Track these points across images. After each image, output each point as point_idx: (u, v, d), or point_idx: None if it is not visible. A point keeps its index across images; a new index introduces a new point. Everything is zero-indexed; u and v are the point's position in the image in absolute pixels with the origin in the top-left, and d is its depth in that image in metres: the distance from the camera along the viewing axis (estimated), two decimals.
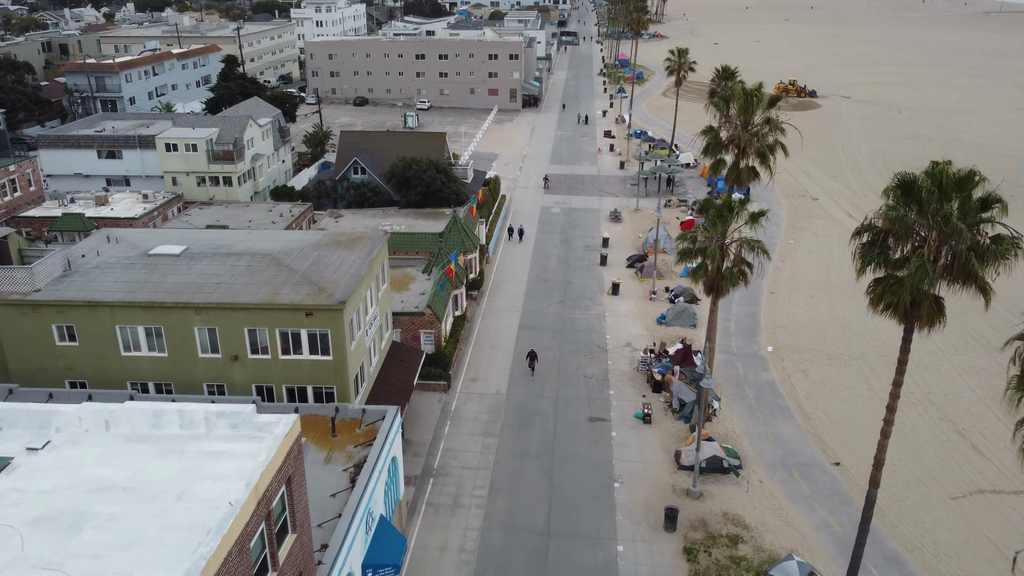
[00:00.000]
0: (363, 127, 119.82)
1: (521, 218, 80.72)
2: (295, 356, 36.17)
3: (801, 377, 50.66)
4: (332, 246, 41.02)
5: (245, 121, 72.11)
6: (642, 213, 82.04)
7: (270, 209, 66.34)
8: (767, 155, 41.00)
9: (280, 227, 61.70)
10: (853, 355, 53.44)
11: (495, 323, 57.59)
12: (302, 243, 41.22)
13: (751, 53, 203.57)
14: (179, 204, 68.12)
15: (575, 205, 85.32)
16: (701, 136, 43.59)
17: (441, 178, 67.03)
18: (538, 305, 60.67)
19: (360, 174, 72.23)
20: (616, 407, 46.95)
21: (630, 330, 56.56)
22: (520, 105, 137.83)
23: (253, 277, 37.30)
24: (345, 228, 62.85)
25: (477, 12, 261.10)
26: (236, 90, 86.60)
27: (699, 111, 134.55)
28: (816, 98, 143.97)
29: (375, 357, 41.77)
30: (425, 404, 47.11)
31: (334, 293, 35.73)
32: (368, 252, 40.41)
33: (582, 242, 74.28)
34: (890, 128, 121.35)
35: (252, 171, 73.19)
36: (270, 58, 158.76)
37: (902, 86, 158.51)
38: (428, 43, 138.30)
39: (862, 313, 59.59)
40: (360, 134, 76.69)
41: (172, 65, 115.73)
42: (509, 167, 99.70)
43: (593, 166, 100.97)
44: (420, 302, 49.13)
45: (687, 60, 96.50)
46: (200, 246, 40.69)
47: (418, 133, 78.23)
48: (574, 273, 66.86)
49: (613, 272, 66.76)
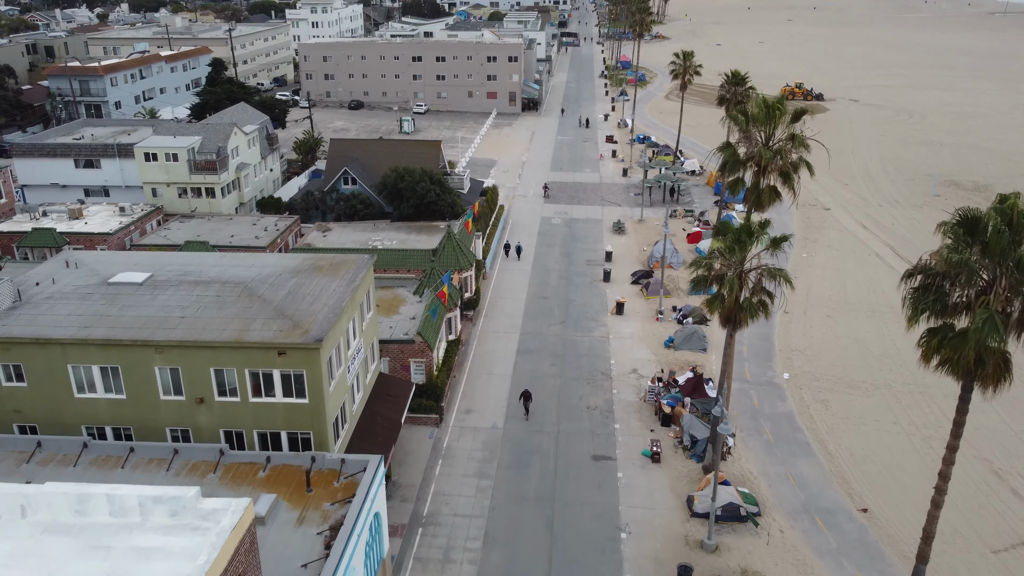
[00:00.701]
0: (357, 132, 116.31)
1: (520, 230, 77.09)
2: (267, 399, 32.56)
3: (821, 408, 47.02)
4: (311, 272, 37.40)
5: (229, 129, 68.46)
6: (647, 224, 78.42)
7: (254, 223, 62.75)
8: (790, 174, 37.43)
9: (264, 242, 58.26)
10: (875, 383, 49.81)
11: (492, 347, 53.96)
12: (278, 269, 37.59)
13: (755, 55, 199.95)
14: (159, 217, 64.49)
15: (576, 215, 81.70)
16: (718, 153, 39.90)
17: (435, 190, 63.42)
18: (538, 326, 57.05)
19: (350, 184, 68.64)
20: (622, 443, 43.33)
21: (636, 354, 52.93)
22: (520, 109, 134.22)
23: (222, 310, 33.68)
24: (333, 242, 59.30)
25: (476, 13, 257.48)
26: (223, 95, 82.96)
27: (704, 115, 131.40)
28: (823, 101, 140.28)
29: (359, 393, 38.15)
30: (415, 440, 43.49)
31: (310, 329, 32.10)
32: (351, 279, 36.79)
33: (584, 256, 70.65)
34: (901, 133, 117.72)
35: (237, 181, 69.55)
36: (264, 60, 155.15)
37: (910, 89, 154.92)
38: (425, 45, 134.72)
39: (882, 336, 56.15)
40: (351, 142, 73.06)
41: (160, 68, 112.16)
42: (508, 174, 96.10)
43: (595, 173, 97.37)
44: (410, 328, 45.51)
45: (693, 63, 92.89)
46: (166, 273, 37.07)
47: (412, 141, 74.65)
48: (576, 290, 63.24)
49: (617, 289, 63.13)
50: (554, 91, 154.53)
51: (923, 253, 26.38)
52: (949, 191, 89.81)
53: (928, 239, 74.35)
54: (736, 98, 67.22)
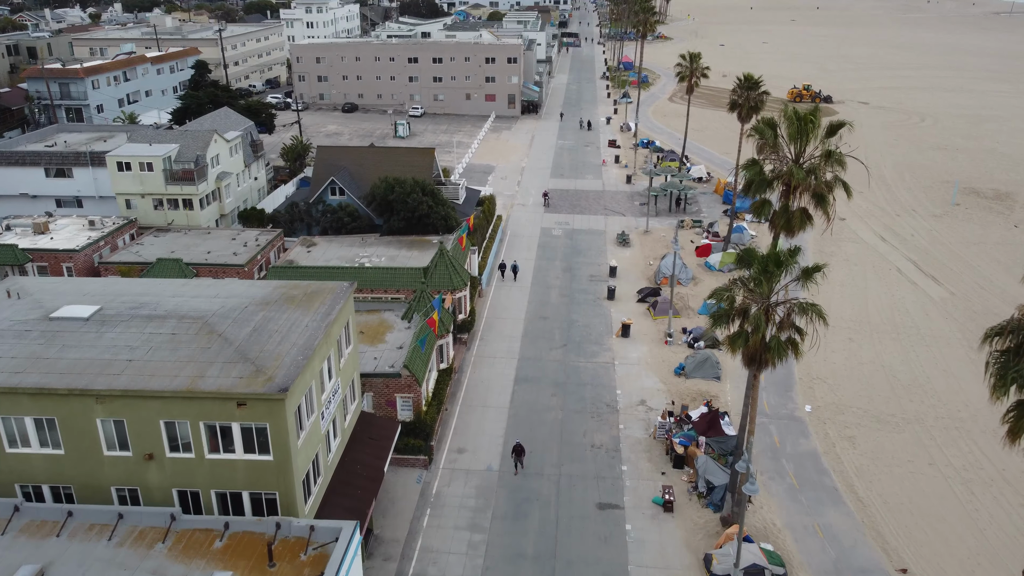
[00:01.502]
0: (350, 136, 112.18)
1: (519, 242, 72.90)
2: (226, 455, 28.36)
3: (848, 447, 42.82)
4: (281, 304, 33.22)
5: (209, 136, 64.28)
6: (652, 236, 74.21)
7: (233, 237, 58.60)
8: (825, 196, 33.24)
9: (243, 259, 54.15)
10: (906, 416, 45.60)
11: (487, 374, 49.77)
12: (244, 300, 33.40)
13: (759, 55, 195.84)
14: (132, 231, 60.34)
15: (578, 226, 77.51)
16: (743, 172, 35.61)
17: (428, 201, 59.25)
18: (537, 350, 52.87)
19: (338, 195, 64.47)
20: (630, 488, 39.15)
21: (644, 383, 48.75)
22: (519, 112, 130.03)
23: (176, 351, 29.49)
24: (317, 259, 55.15)
25: (475, 13, 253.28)
26: (205, 99, 78.74)
27: (710, 118, 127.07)
28: (832, 104, 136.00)
29: (336, 440, 33.98)
30: (401, 485, 39.31)
31: (275, 376, 27.91)
32: (326, 312, 32.62)
33: (587, 270, 66.46)
34: (914, 137, 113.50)
35: (217, 192, 65.38)
36: (256, 61, 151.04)
37: (920, 90, 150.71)
38: (421, 46, 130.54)
39: (910, 361, 51.92)
40: (339, 150, 68.85)
41: (146, 70, 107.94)
42: (506, 181, 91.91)
43: (597, 180, 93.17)
44: (397, 359, 41.31)
45: (699, 65, 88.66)
46: (118, 305, 32.89)
47: (403, 149, 70.46)
48: (578, 309, 59.05)
49: (622, 308, 58.97)
50: (554, 93, 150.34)
51: (1014, 309, 22.05)
52: (969, 199, 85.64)
53: (951, 252, 70.25)
54: (749, 103, 63.01)
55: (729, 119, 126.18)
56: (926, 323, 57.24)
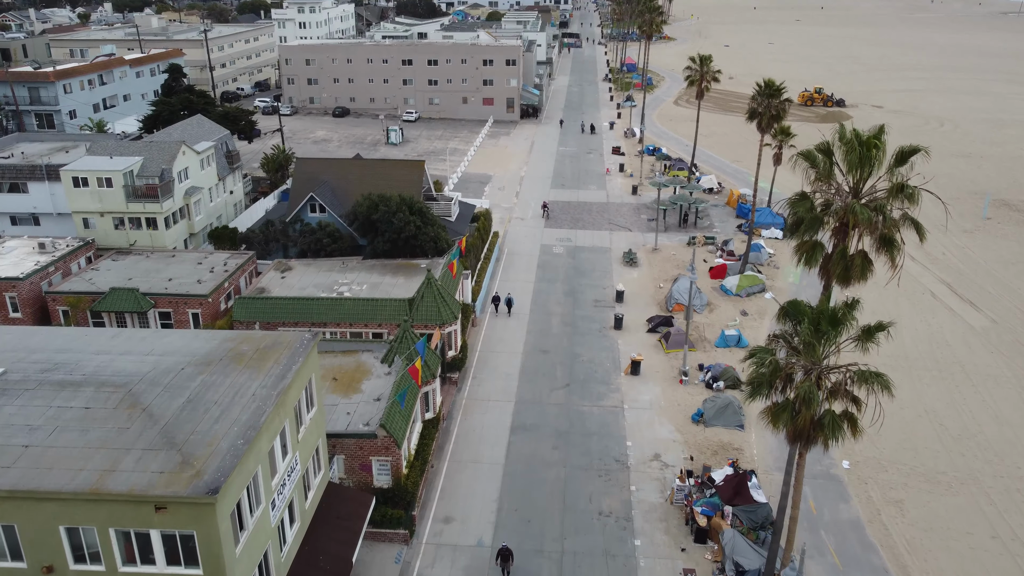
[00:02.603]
0: (340, 142, 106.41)
1: (518, 261, 67.12)
2: (145, 568, 22.64)
3: (895, 513, 37.07)
4: (227, 364, 27.47)
5: (176, 148, 58.51)
6: (662, 254, 68.43)
7: (200, 261, 52.87)
8: (893, 239, 27.45)
9: (207, 287, 48.41)
10: (959, 474, 39.85)
11: (480, 421, 44.01)
12: (182, 359, 27.64)
13: (765, 56, 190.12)
14: (88, 253, 54.61)
15: (581, 242, 71.73)
16: (790, 207, 29.79)
17: (415, 221, 53.46)
18: (536, 391, 47.11)
19: (318, 213, 58.74)
20: (645, 569, 33.39)
21: (658, 432, 42.98)
22: (518, 116, 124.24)
23: (86, 433, 23.77)
24: (292, 286, 49.43)
25: (474, 13, 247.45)
26: (178, 105, 72.96)
27: (718, 123, 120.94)
28: (845, 107, 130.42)
29: (293, 527, 28.21)
30: (377, 566, 33.56)
31: (205, 470, 22.17)
32: (280, 376, 26.86)
33: (591, 294, 60.71)
34: (934, 143, 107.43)
35: (186, 209, 59.62)
36: (244, 63, 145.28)
37: (935, 93, 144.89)
38: (416, 47, 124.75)
39: (957, 405, 46.14)
40: (320, 163, 63.04)
41: (123, 72, 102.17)
42: (504, 192, 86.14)
43: (601, 190, 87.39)
44: (374, 416, 35.53)
45: (710, 68, 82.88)
46: (28, 365, 27.16)
47: (391, 161, 64.64)
48: (582, 341, 53.29)
49: (631, 340, 53.21)
50: (555, 96, 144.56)
51: None
52: (1001, 213, 79.94)
53: (987, 273, 64.53)
54: (770, 111, 57.18)
55: (739, 124, 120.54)
56: (969, 357, 51.49)
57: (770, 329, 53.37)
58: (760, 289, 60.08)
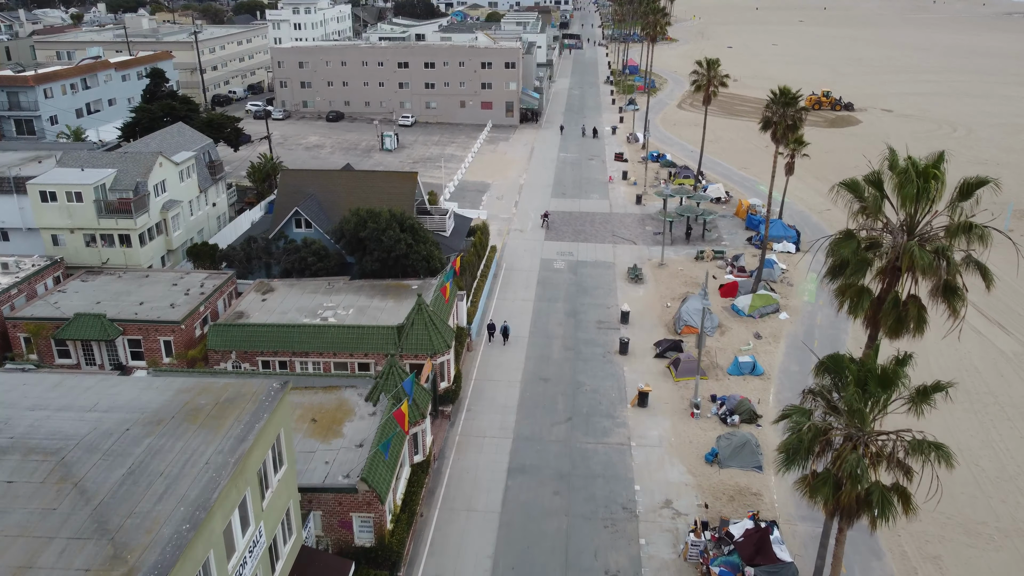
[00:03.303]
0: (333, 148, 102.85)
1: (516, 277, 63.55)
2: None
3: (933, 571, 33.47)
4: (180, 423, 23.87)
5: (152, 159, 54.93)
6: (668, 269, 64.82)
7: (175, 282, 49.28)
8: (956, 287, 23.82)
9: (180, 313, 44.87)
10: (1001, 524, 36.26)
11: (474, 461, 40.41)
12: (129, 416, 24.05)
13: (769, 58, 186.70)
14: (57, 273, 51.06)
15: (583, 256, 68.13)
16: (832, 249, 25.89)
17: (406, 239, 49.88)
18: (536, 426, 43.51)
19: (304, 228, 55.18)
20: None
21: (668, 474, 39.39)
22: (517, 120, 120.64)
23: (3, 515, 20.16)
24: (272, 310, 45.94)
25: (473, 13, 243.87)
26: (159, 112, 69.32)
27: (723, 127, 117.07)
28: (853, 111, 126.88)
29: None
30: None
31: (139, 566, 18.54)
32: (241, 437, 23.27)
33: (594, 314, 57.12)
34: (949, 150, 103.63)
35: (163, 224, 56.02)
36: (237, 65, 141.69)
37: (945, 96, 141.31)
38: (412, 50, 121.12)
39: (993, 443, 42.43)
40: (307, 174, 59.49)
41: (109, 76, 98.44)
42: (503, 202, 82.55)
43: (604, 200, 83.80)
44: (355, 466, 31.92)
45: (718, 73, 79.32)
46: None
47: (382, 173, 60.99)
48: (585, 368, 49.69)
49: (637, 367, 49.63)
50: (555, 99, 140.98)
51: None
52: (1023, 224, 76.31)
53: (1014, 292, 60.93)
54: (786, 121, 53.58)
55: (745, 129, 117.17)
56: (1002, 387, 47.93)
57: (798, 380, 49.97)
58: (774, 309, 56.49)
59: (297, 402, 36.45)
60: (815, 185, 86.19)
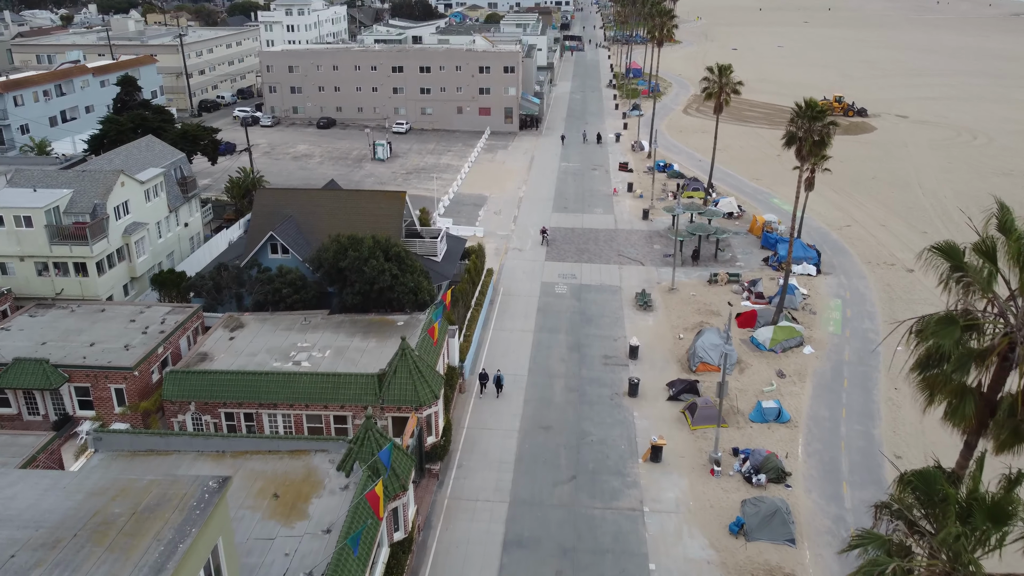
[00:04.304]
0: (322, 157, 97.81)
1: (514, 303, 58.50)
2: None
3: None
4: (85, 542, 18.79)
5: (113, 178, 49.86)
6: (680, 295, 59.75)
7: (133, 318, 44.25)
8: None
9: (134, 357, 39.93)
10: None
11: (464, 533, 35.32)
12: (22, 533, 18.99)
13: (775, 60, 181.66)
14: (5, 306, 46.02)
15: (587, 279, 63.07)
16: (927, 334, 20.75)
17: (391, 269, 44.83)
18: (536, 486, 38.42)
19: (280, 254, 50.14)
20: None
21: (688, 550, 34.29)
22: (517, 127, 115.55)
23: None
24: (240, 350, 41.01)
25: (472, 14, 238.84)
26: (129, 124, 64.22)
27: (730, 134, 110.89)
28: (867, 117, 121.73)
29: None
30: None
31: None
32: (157, 566, 18.16)
33: (600, 347, 52.04)
34: (970, 159, 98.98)
35: (125, 249, 50.95)
36: (226, 69, 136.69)
37: (961, 101, 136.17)
38: (407, 53, 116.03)
39: None
40: (285, 193, 54.44)
41: (85, 82, 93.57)
42: (500, 217, 77.45)
43: (608, 215, 78.70)
44: (319, 559, 26.81)
45: (730, 80, 74.27)
46: None
47: (367, 193, 55.73)
48: (591, 413, 44.60)
49: (648, 411, 44.55)
50: (557, 103, 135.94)
51: None
52: None
53: None
54: (812, 137, 48.39)
55: (755, 136, 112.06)
56: None
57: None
58: (798, 343, 51.38)
59: (259, 471, 31.40)
60: (832, 198, 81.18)
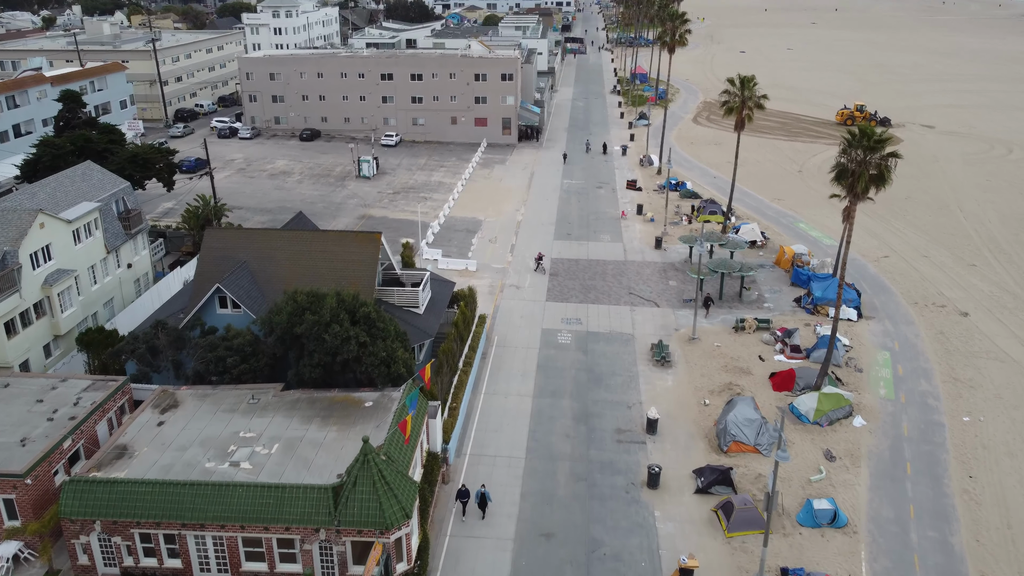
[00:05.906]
0: (301, 176, 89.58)
1: (511, 357, 50.27)
2: None
3: None
4: None
5: (28, 220, 41.65)
6: (702, 345, 51.55)
7: (40, 398, 36.09)
8: None
9: (36, 450, 31.78)
10: None
11: None
12: None
13: (785, 64, 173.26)
14: None
15: (594, 325, 54.87)
16: None
17: (359, 335, 36.60)
18: None
19: (230, 309, 41.95)
20: None
21: None
22: (515, 138, 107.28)
23: None
24: (167, 440, 33.17)
25: (471, 16, 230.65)
26: (69, 147, 55.92)
27: (745, 147, 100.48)
28: (891, 128, 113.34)
29: None
30: None
31: None
32: None
33: (611, 418, 43.80)
34: (1009, 175, 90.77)
35: (47, 302, 42.78)
36: (206, 76, 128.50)
37: (987, 109, 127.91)
38: (397, 60, 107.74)
39: None
40: (239, 235, 46.11)
41: (43, 93, 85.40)
42: (496, 247, 69.21)
43: (616, 243, 70.44)
44: None
45: (754, 93, 66.06)
46: None
47: (336, 234, 47.11)
48: (603, 512, 36.38)
49: (673, 508, 36.35)
50: (558, 111, 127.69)
51: None
52: None
53: None
54: (868, 171, 40.00)
55: (772, 148, 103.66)
56: None
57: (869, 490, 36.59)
58: (847, 413, 43.15)
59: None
60: (865, 223, 72.79)
